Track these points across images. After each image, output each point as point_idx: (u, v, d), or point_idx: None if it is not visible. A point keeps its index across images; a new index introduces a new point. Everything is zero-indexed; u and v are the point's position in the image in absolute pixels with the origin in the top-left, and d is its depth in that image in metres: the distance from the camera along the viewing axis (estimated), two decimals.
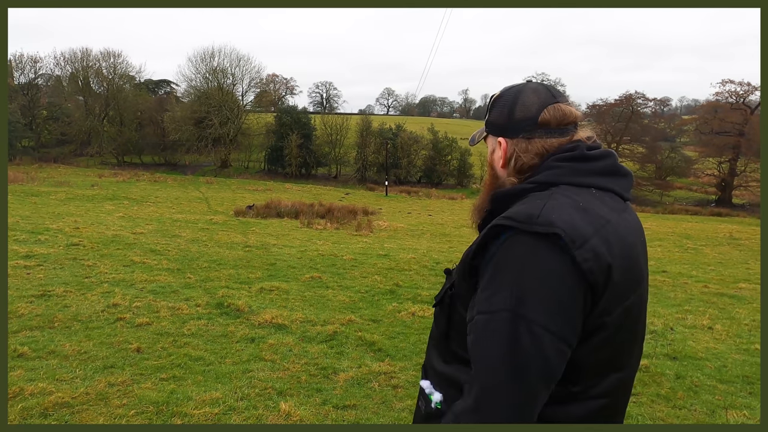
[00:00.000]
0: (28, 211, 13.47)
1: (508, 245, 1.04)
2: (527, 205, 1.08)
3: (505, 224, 1.05)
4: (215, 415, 3.17)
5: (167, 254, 8.47)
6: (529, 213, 1.04)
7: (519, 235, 1.03)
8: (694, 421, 3.38)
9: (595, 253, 1.01)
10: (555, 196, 1.09)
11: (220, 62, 42.36)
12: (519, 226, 1.03)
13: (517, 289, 0.99)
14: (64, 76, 43.96)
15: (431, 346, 1.28)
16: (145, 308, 5.30)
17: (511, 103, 1.22)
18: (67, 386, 3.42)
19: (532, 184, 1.14)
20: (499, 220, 1.06)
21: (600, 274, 1.01)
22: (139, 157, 42.46)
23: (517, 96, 1.22)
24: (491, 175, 1.29)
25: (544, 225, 1.02)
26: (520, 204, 1.11)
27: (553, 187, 1.13)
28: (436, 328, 1.25)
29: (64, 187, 22.58)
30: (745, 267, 10.63)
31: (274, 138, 41.37)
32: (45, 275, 6.40)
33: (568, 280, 1.00)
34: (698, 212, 33.24)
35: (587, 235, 1.02)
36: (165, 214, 16.48)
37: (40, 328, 4.54)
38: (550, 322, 0.98)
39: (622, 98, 44.01)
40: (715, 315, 6.24)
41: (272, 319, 5.11)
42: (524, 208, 1.07)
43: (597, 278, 1.01)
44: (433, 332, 1.27)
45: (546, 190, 1.12)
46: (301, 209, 19.72)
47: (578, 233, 1.01)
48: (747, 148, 38.98)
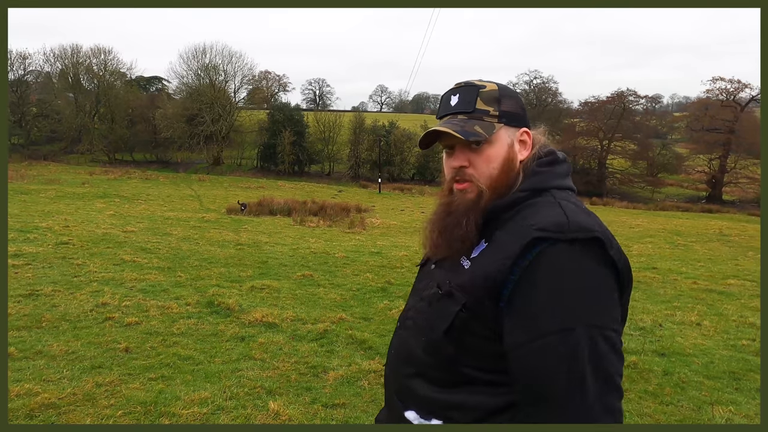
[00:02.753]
0: (17, 209, 13.34)
1: (548, 257, 1.00)
2: (545, 213, 1.05)
3: (541, 236, 1.00)
4: (204, 415, 3.16)
5: (158, 253, 8.42)
6: (557, 221, 1.02)
7: (558, 244, 1.00)
8: (681, 417, 3.41)
9: (620, 252, 1.05)
10: (562, 202, 1.09)
11: (211, 59, 42.19)
12: (555, 236, 1.00)
13: (576, 300, 0.98)
14: (53, 72, 43.58)
15: (412, 375, 1.16)
16: (135, 307, 5.27)
17: (516, 95, 1.20)
18: (54, 387, 3.40)
19: (524, 192, 1.12)
20: (534, 233, 1.01)
21: (625, 272, 1.06)
22: (131, 155, 42.17)
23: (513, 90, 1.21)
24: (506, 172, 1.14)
25: (581, 230, 1.01)
26: (530, 212, 1.08)
27: (545, 192, 1.12)
28: (430, 355, 1.12)
29: (54, 185, 22.40)
30: (734, 263, 10.73)
31: (267, 135, 41.21)
32: (33, 274, 6.34)
33: (610, 281, 1.02)
34: (689, 209, 33.50)
35: (610, 236, 1.04)
36: (156, 212, 16.38)
37: (28, 328, 4.50)
38: (614, 323, 1.01)
39: (614, 95, 44.20)
40: (703, 311, 6.29)
41: (263, 317, 5.10)
42: (548, 217, 1.04)
43: (624, 277, 1.05)
44: (418, 359, 1.15)
45: (539, 196, 1.11)
46: (294, 207, 19.69)
47: (606, 235, 1.03)
48: (737, 145, 39.32)
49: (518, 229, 1.06)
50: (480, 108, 1.15)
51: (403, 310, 1.32)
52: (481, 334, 1.06)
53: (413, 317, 1.22)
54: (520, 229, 1.05)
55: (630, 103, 44.39)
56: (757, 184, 37.01)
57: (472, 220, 1.13)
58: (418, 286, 1.28)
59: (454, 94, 1.18)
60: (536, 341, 0.98)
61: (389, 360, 1.28)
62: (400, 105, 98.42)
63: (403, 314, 1.28)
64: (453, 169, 1.16)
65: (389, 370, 1.27)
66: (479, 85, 1.17)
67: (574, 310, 0.98)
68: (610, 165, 43.23)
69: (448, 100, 1.19)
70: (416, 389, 1.14)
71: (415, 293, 1.28)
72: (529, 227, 1.03)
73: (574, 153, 42.69)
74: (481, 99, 1.16)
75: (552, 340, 0.97)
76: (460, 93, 1.17)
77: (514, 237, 1.05)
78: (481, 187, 1.13)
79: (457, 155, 1.15)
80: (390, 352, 1.28)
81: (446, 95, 1.21)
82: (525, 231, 1.03)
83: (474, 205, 1.13)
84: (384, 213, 21.87)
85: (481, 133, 1.12)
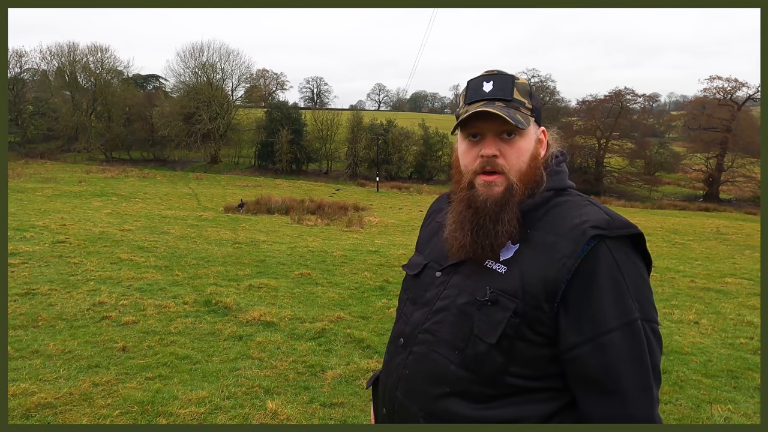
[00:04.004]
0: (14, 207, 13.28)
1: (601, 253, 1.00)
2: (587, 211, 1.05)
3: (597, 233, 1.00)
4: (201, 415, 3.14)
5: (155, 251, 8.39)
6: (603, 218, 1.02)
7: (608, 240, 1.01)
8: (679, 416, 3.41)
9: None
10: (591, 200, 1.11)
11: (209, 57, 42.02)
12: (606, 233, 1.00)
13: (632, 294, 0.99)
14: (50, 70, 43.36)
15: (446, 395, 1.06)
16: (132, 306, 5.25)
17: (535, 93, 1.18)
18: (50, 386, 3.38)
19: (550, 191, 1.12)
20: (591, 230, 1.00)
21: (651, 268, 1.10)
22: (128, 153, 42.03)
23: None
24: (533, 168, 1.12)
25: (624, 227, 1.02)
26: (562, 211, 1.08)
27: (564, 192, 1.14)
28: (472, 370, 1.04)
29: (50, 184, 22.32)
30: (731, 262, 10.75)
31: (265, 134, 41.11)
32: (30, 273, 6.31)
33: (648, 275, 1.06)
34: (686, 207, 33.56)
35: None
36: (154, 210, 16.33)
37: (24, 327, 4.47)
38: (653, 314, 1.02)
39: (612, 94, 44.22)
40: (701, 310, 6.30)
41: (260, 316, 5.08)
42: (593, 214, 1.04)
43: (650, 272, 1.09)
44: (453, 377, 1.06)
45: (561, 195, 1.12)
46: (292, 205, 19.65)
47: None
48: (734, 144, 39.37)
49: (565, 227, 1.04)
50: (517, 98, 1.11)
51: (402, 324, 1.21)
52: (532, 340, 1.03)
53: (432, 330, 1.12)
54: (568, 227, 1.03)
55: (627, 102, 44.43)
56: (753, 183, 37.12)
57: (513, 215, 1.07)
58: (425, 297, 1.17)
59: (487, 80, 1.13)
60: (602, 337, 0.97)
61: (400, 383, 1.15)
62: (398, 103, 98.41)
63: (409, 330, 1.17)
64: (483, 158, 1.09)
65: (405, 394, 1.13)
66: (513, 75, 1.14)
67: (631, 305, 0.99)
68: (608, 163, 43.27)
69: (479, 85, 1.13)
70: (454, 410, 1.05)
71: (419, 305, 1.18)
72: (580, 225, 1.02)
73: (572, 151, 42.66)
74: (518, 89, 1.12)
75: (616, 335, 0.97)
76: (495, 80, 1.12)
77: (565, 236, 1.02)
78: (512, 180, 1.08)
79: (490, 143, 1.09)
80: (401, 372, 1.15)
81: (477, 81, 1.14)
82: (579, 229, 1.02)
83: (506, 200, 1.07)
84: (382, 211, 21.85)
85: (523, 122, 1.08)
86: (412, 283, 1.26)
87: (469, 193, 1.11)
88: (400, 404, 1.14)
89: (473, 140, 1.12)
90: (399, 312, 1.28)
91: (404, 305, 1.25)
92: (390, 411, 1.17)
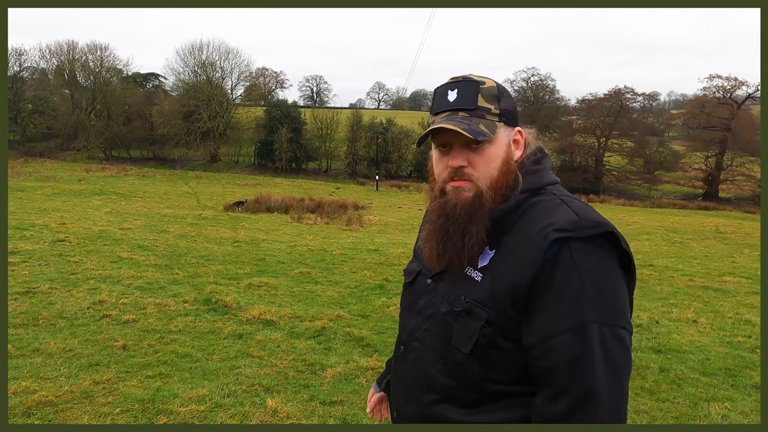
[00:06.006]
0: (14, 206, 13.28)
1: (565, 255, 0.98)
2: (555, 212, 1.03)
3: (561, 237, 0.98)
4: (201, 413, 3.16)
5: (155, 250, 8.40)
6: (570, 219, 1.00)
7: (574, 242, 0.98)
8: (677, 414, 3.43)
9: (627, 244, 1.03)
10: (564, 198, 1.07)
11: (208, 55, 42.06)
12: (572, 234, 0.98)
13: (593, 298, 0.96)
14: (49, 69, 43.40)
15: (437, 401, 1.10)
16: (132, 305, 5.26)
17: (509, 92, 1.16)
18: (51, 384, 3.39)
19: (524, 193, 1.09)
20: (553, 233, 0.98)
21: (634, 266, 1.05)
22: (127, 152, 42.02)
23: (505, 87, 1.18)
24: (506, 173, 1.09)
25: (595, 226, 0.99)
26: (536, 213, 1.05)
27: (541, 190, 1.10)
28: (455, 378, 1.07)
29: (50, 182, 22.32)
30: (730, 260, 10.77)
31: (264, 132, 41.11)
32: (30, 272, 6.32)
33: (623, 276, 1.01)
34: (685, 206, 33.58)
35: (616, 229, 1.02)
36: (153, 209, 16.34)
37: (24, 326, 4.49)
38: (626, 322, 0.99)
39: (611, 93, 44.22)
40: (699, 308, 6.32)
41: (260, 315, 5.09)
42: (560, 215, 1.01)
43: (634, 268, 1.05)
44: (441, 384, 1.09)
45: (538, 195, 1.09)
46: (291, 204, 19.68)
47: (616, 229, 1.01)
48: (733, 143, 39.38)
49: (533, 231, 1.02)
50: (482, 105, 1.09)
51: (402, 332, 1.25)
52: (506, 347, 1.03)
53: (422, 339, 1.15)
54: (535, 231, 1.01)
55: (627, 101, 44.43)
56: (753, 182, 37.15)
57: (482, 227, 1.07)
58: (419, 304, 1.19)
59: (451, 89, 1.11)
60: (551, 339, 0.97)
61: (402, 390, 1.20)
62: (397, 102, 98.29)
63: (406, 337, 1.20)
64: (451, 168, 1.09)
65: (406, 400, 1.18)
66: (478, 80, 1.11)
67: (585, 307, 0.96)
68: (607, 162, 43.28)
69: (444, 95, 1.12)
70: (447, 415, 1.09)
71: (414, 313, 1.20)
72: (545, 228, 1.00)
73: (572, 150, 42.76)
74: (482, 96, 1.10)
75: (566, 338, 0.96)
76: (459, 88, 1.10)
77: (531, 240, 1.01)
78: (481, 187, 1.07)
79: (456, 154, 1.09)
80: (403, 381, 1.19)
81: (442, 90, 1.13)
82: (543, 233, 1.00)
83: (475, 207, 1.07)
84: (381, 210, 21.87)
85: (486, 133, 1.06)
86: (408, 290, 1.27)
87: (441, 200, 1.12)
88: (404, 410, 1.19)
89: (443, 150, 1.12)
90: (400, 318, 1.30)
91: (403, 312, 1.27)
92: (398, 415, 1.22)
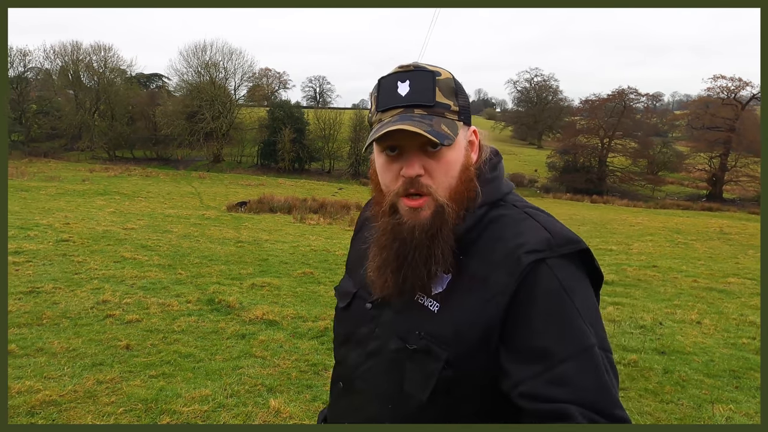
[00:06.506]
0: (18, 206, 13.34)
1: (542, 276, 0.84)
2: (522, 230, 0.89)
3: (533, 260, 0.85)
4: (204, 413, 3.17)
5: (158, 250, 8.42)
6: (542, 237, 0.87)
7: (550, 260, 0.86)
8: (681, 415, 3.42)
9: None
10: (528, 211, 0.94)
11: (212, 56, 42.11)
12: (545, 255, 0.85)
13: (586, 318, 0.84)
14: (53, 69, 43.57)
15: None
16: (135, 305, 5.28)
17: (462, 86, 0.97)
18: (54, 384, 3.40)
19: (483, 207, 0.94)
20: (527, 257, 0.85)
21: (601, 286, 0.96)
22: (131, 152, 42.14)
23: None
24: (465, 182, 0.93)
25: (568, 243, 0.88)
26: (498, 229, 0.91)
27: (500, 202, 0.96)
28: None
29: (54, 182, 22.40)
30: (734, 262, 10.72)
31: (267, 133, 41.17)
32: (34, 271, 6.35)
33: (594, 292, 0.92)
34: (689, 207, 33.48)
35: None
36: (157, 209, 16.38)
37: (29, 326, 4.50)
38: (608, 344, 0.86)
39: (615, 93, 44.17)
40: (703, 310, 6.29)
41: (263, 315, 5.10)
42: (529, 234, 0.88)
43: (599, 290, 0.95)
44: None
45: (497, 208, 0.94)
46: (294, 204, 19.69)
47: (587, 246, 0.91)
48: (738, 144, 39.27)
49: (499, 254, 0.88)
50: (440, 101, 0.90)
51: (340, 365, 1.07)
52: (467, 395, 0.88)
53: (366, 379, 0.98)
54: (502, 254, 0.87)
55: (631, 101, 44.38)
56: (757, 182, 36.99)
57: (447, 247, 0.89)
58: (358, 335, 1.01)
59: (401, 80, 0.91)
60: (553, 369, 0.81)
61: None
62: None
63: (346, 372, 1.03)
64: (405, 179, 0.89)
65: None
66: (434, 71, 0.91)
67: (585, 329, 0.83)
68: (611, 163, 43.19)
69: (392, 87, 0.91)
70: None
71: (353, 344, 1.02)
72: (514, 251, 0.86)
73: (575, 151, 42.69)
74: (440, 90, 0.91)
75: (571, 366, 0.80)
76: (412, 79, 0.90)
77: (499, 266, 0.87)
78: (441, 200, 0.89)
79: (411, 161, 0.89)
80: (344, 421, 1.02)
81: (389, 81, 0.92)
82: (513, 256, 0.86)
83: (436, 228, 0.89)
84: None
85: (450, 135, 0.88)
86: (343, 315, 1.08)
87: (393, 220, 0.92)
88: None
89: (391, 155, 0.91)
90: (334, 348, 1.12)
91: (339, 341, 1.09)
92: None
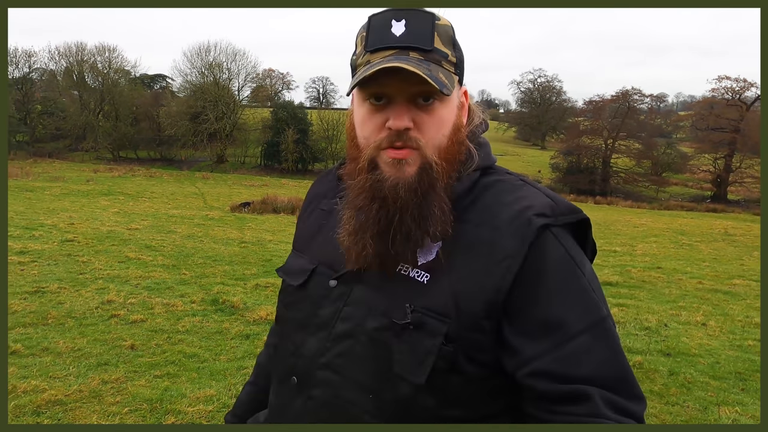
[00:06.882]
0: (23, 206, 13.40)
1: (550, 245, 0.80)
2: (525, 195, 0.84)
3: (546, 223, 0.80)
4: (209, 413, 3.17)
5: (162, 250, 8.44)
6: (545, 203, 0.83)
7: (554, 228, 0.81)
8: (687, 418, 3.40)
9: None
10: (524, 179, 0.90)
11: (215, 57, 42.22)
12: (550, 221, 0.81)
13: (597, 290, 0.82)
14: (58, 70, 43.73)
15: None
16: (140, 305, 5.29)
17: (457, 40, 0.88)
18: (60, 384, 3.41)
19: (476, 171, 0.88)
20: (537, 220, 0.80)
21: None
22: (135, 152, 42.27)
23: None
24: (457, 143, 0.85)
25: (571, 212, 0.84)
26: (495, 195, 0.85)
27: (490, 169, 0.90)
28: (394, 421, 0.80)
29: (58, 183, 22.48)
30: (739, 263, 10.68)
31: (271, 133, 41.25)
32: (39, 271, 6.37)
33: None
34: (694, 208, 33.34)
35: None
36: (160, 209, 16.42)
37: (34, 325, 4.52)
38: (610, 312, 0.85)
39: (619, 94, 44.04)
40: (708, 311, 6.27)
41: (267, 315, 5.10)
42: (534, 199, 0.84)
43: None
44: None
45: (488, 175, 0.89)
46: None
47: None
48: (742, 145, 39.11)
49: (502, 218, 0.81)
50: (438, 48, 0.81)
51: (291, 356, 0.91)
52: (470, 372, 0.80)
53: (335, 366, 0.84)
54: (507, 217, 0.81)
55: (635, 102, 44.24)
56: None
57: (446, 209, 0.81)
58: (320, 317, 0.88)
59: (396, 18, 0.79)
60: (567, 344, 0.76)
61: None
62: None
63: (304, 363, 0.88)
64: (391, 131, 0.79)
65: None
66: (433, 14, 0.81)
67: (598, 301, 0.80)
68: (615, 164, 43.07)
69: (386, 25, 0.80)
70: None
71: (312, 329, 0.88)
72: (521, 213, 0.80)
73: (579, 152, 42.59)
74: (439, 35, 0.81)
75: (586, 339, 0.76)
76: (409, 19, 0.79)
77: (504, 229, 0.80)
78: (429, 157, 0.80)
79: (400, 111, 0.79)
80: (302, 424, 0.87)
81: (382, 18, 0.81)
82: (521, 219, 0.80)
83: (422, 187, 0.79)
84: None
85: (448, 85, 0.79)
86: (297, 296, 0.93)
87: (372, 177, 0.81)
88: None
89: (376, 104, 0.81)
90: (282, 336, 0.97)
91: (289, 328, 0.94)
92: None
